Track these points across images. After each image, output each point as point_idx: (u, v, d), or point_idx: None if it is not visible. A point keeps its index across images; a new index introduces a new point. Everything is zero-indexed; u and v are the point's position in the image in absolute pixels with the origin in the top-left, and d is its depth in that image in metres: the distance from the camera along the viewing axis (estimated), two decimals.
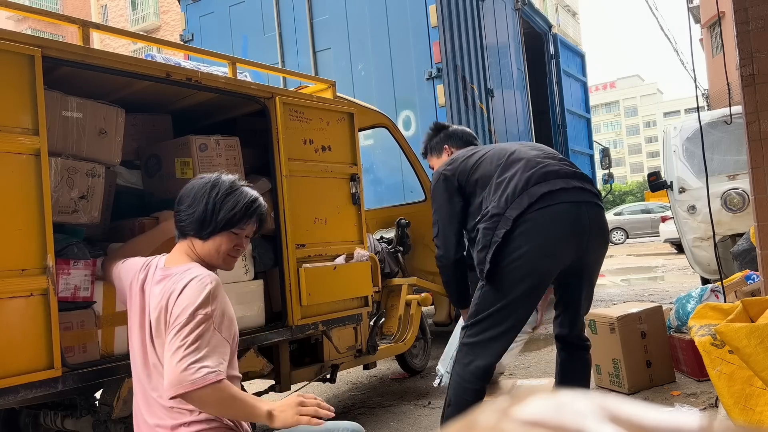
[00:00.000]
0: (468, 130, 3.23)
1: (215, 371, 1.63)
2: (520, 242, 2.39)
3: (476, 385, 2.48)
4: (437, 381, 3.49)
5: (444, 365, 3.43)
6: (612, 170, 10.37)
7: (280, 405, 1.71)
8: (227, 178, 1.96)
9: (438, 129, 3.18)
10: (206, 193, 1.90)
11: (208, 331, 1.69)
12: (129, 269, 2.06)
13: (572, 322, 2.68)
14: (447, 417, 2.62)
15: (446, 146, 3.10)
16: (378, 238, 4.79)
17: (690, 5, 10.09)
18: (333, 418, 1.77)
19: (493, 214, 2.45)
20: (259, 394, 3.12)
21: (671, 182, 6.65)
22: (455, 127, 3.20)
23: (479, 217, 2.53)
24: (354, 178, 3.56)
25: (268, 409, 1.69)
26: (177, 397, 1.64)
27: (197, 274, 1.80)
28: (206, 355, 1.66)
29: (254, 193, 1.98)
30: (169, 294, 1.77)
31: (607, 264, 14.47)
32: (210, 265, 1.92)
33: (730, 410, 2.48)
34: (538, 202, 2.40)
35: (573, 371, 2.73)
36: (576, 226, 2.44)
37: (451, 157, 2.87)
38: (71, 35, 22.34)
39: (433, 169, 3.15)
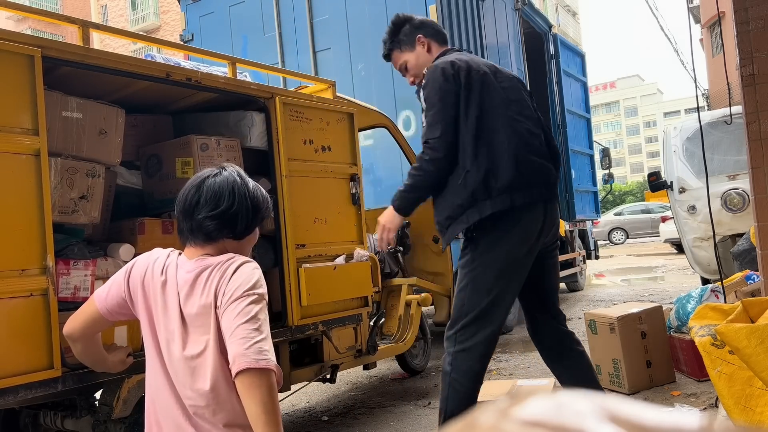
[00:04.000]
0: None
1: (273, 359, 1.58)
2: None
3: (474, 389, 2.47)
4: None
5: None
6: (612, 170, 10.39)
7: None
8: (237, 170, 1.85)
9: (403, 20, 2.67)
10: (238, 192, 1.78)
11: (263, 312, 1.66)
12: (136, 283, 1.80)
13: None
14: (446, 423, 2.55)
15: (419, 36, 2.64)
16: (378, 238, 4.76)
17: (690, 5, 10.09)
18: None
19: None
20: None
21: (671, 182, 6.66)
22: (421, 16, 2.71)
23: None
24: (354, 178, 3.57)
25: None
26: (243, 372, 1.54)
27: (245, 259, 1.76)
28: (266, 338, 1.61)
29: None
30: (218, 281, 1.69)
31: (607, 264, 14.48)
32: None
33: (730, 411, 2.48)
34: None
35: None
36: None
37: (463, 54, 2.46)
38: (71, 35, 22.33)
39: (404, 69, 2.69)
